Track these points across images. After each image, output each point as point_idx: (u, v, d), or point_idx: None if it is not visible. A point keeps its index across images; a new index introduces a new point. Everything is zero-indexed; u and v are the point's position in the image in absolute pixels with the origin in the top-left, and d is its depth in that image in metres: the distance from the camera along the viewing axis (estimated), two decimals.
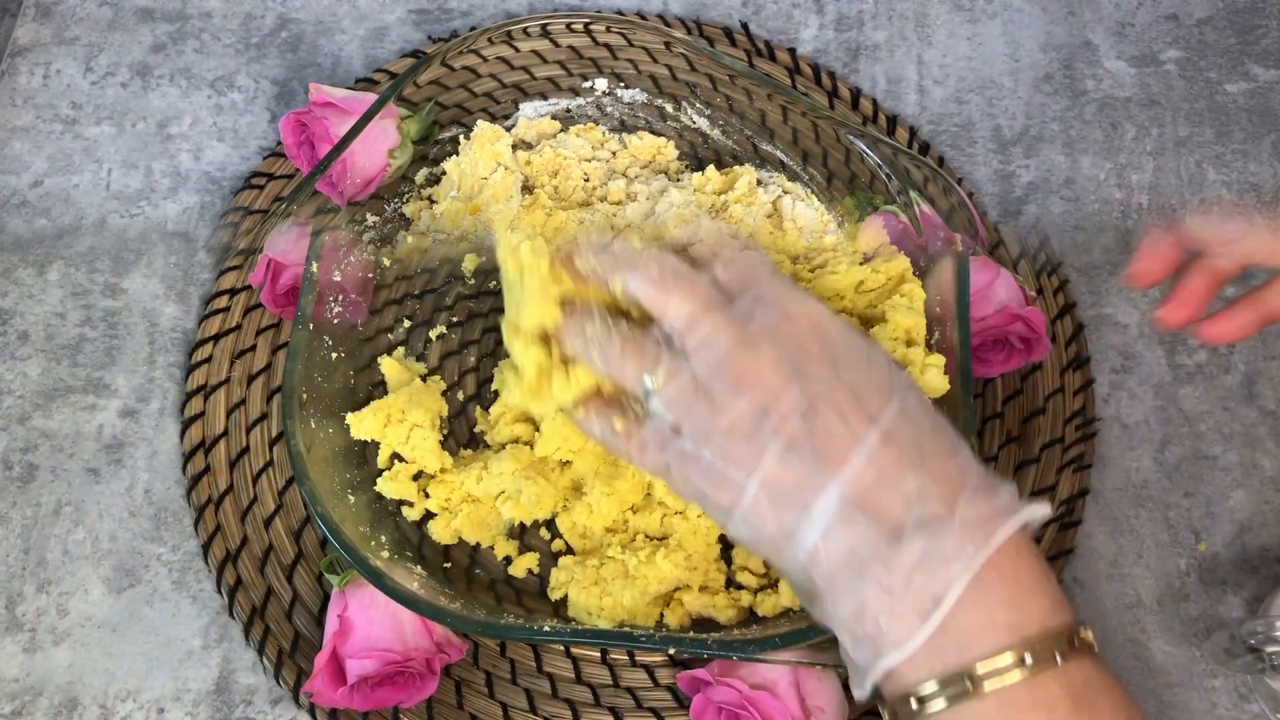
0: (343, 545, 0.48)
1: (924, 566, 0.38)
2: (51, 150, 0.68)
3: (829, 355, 0.42)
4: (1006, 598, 0.38)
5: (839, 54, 0.72)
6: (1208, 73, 0.73)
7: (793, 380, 0.41)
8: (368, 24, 0.73)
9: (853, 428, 0.40)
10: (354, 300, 0.57)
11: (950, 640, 0.38)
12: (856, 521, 0.39)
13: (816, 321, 0.44)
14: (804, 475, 0.40)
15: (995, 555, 0.38)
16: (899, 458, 0.40)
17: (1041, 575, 0.40)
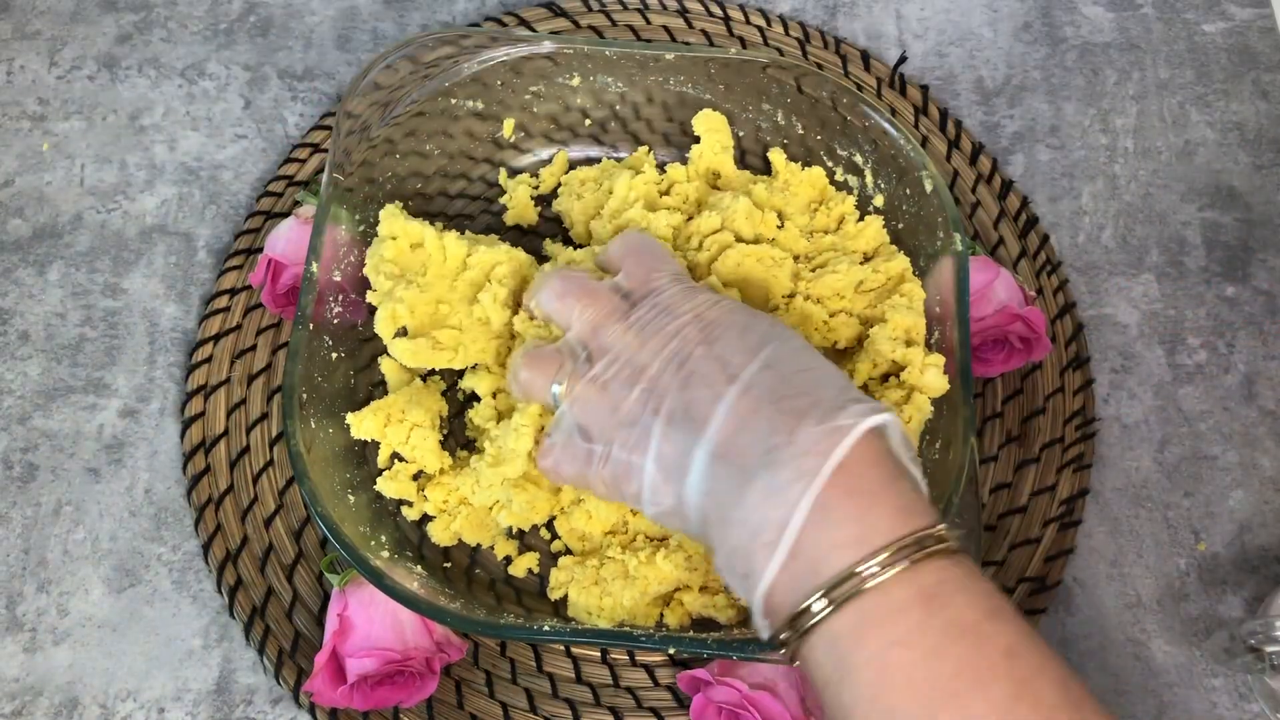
0: (343, 545, 0.48)
1: (770, 497, 0.40)
2: (20, 148, 0.68)
3: (707, 335, 0.46)
4: (852, 513, 0.39)
5: (817, 12, 0.73)
6: (1185, 14, 0.73)
7: (672, 363, 0.45)
8: (337, 4, 0.73)
9: (716, 389, 0.43)
10: (354, 300, 0.57)
11: (804, 563, 0.39)
12: (719, 472, 0.42)
13: (699, 311, 0.47)
14: (681, 443, 0.43)
15: (840, 473, 0.39)
16: (755, 405, 0.42)
17: (888, 483, 0.40)
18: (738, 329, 0.46)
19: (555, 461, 0.48)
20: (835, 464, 0.40)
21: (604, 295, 0.50)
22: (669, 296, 0.48)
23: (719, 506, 0.42)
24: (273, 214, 0.65)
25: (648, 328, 0.47)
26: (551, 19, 0.71)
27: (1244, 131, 0.70)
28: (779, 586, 0.40)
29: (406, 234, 0.55)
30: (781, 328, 0.47)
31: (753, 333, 0.46)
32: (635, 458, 0.45)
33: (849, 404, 0.42)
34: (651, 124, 0.65)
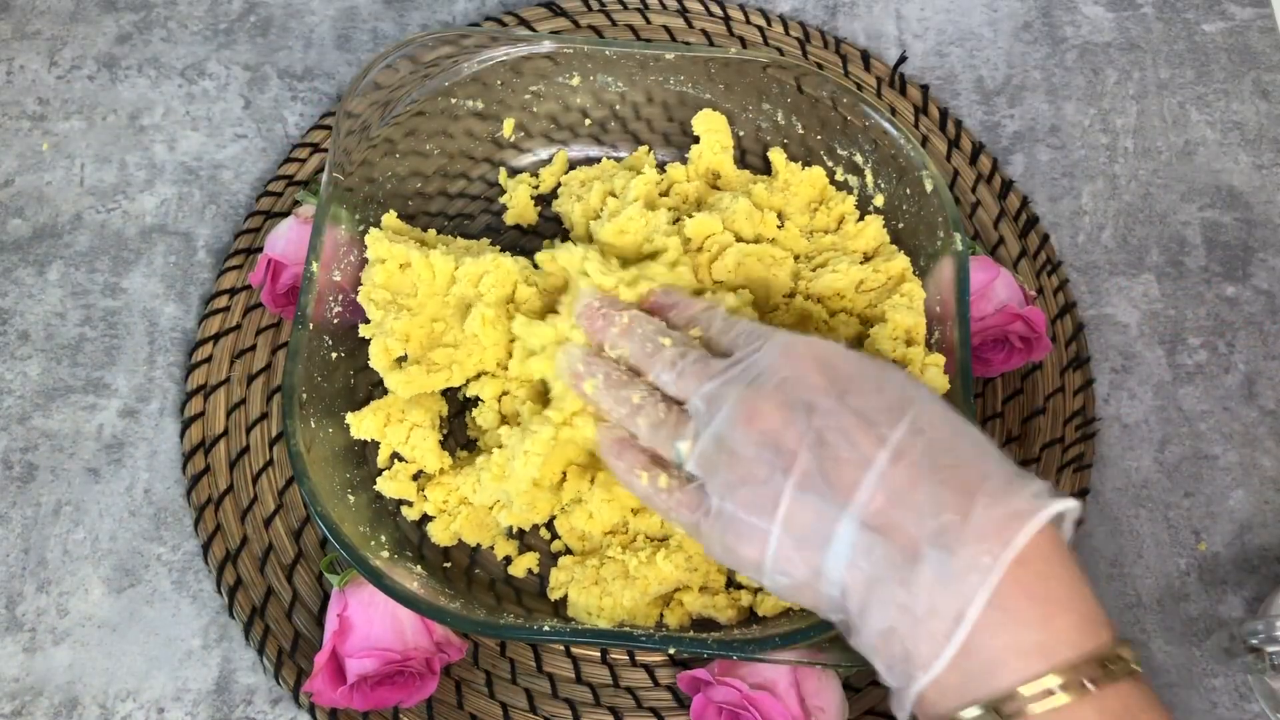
0: (342, 545, 0.48)
1: (942, 583, 0.37)
2: (20, 148, 0.68)
3: (835, 387, 0.41)
4: (1035, 616, 0.36)
5: (817, 12, 0.73)
6: (1185, 13, 0.73)
7: (799, 416, 0.41)
8: (337, 4, 0.73)
9: (861, 452, 0.39)
10: (354, 300, 0.57)
11: (977, 664, 0.36)
12: (875, 546, 0.38)
13: (819, 354, 0.43)
14: (820, 510, 0.39)
15: (1018, 566, 0.36)
16: (911, 474, 0.39)
17: (1073, 588, 0.37)
18: (870, 380, 0.42)
19: (676, 506, 0.45)
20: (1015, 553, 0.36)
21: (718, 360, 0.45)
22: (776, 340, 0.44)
23: (871, 583, 0.38)
24: (272, 214, 0.65)
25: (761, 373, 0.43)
26: (551, 19, 0.71)
27: (1244, 131, 0.70)
28: (943, 682, 0.37)
29: (393, 256, 0.55)
30: (916, 381, 0.43)
31: (889, 387, 0.42)
32: (758, 520, 0.41)
33: (1020, 481, 0.38)
34: (651, 124, 0.65)
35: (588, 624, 0.52)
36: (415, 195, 0.62)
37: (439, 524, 0.55)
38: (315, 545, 0.58)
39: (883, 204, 0.59)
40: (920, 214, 0.57)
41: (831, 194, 0.61)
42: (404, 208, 0.61)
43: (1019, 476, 0.39)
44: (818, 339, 0.45)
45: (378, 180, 0.59)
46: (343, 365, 0.56)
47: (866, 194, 0.60)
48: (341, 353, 0.56)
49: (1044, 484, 0.39)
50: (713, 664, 0.52)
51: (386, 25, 0.72)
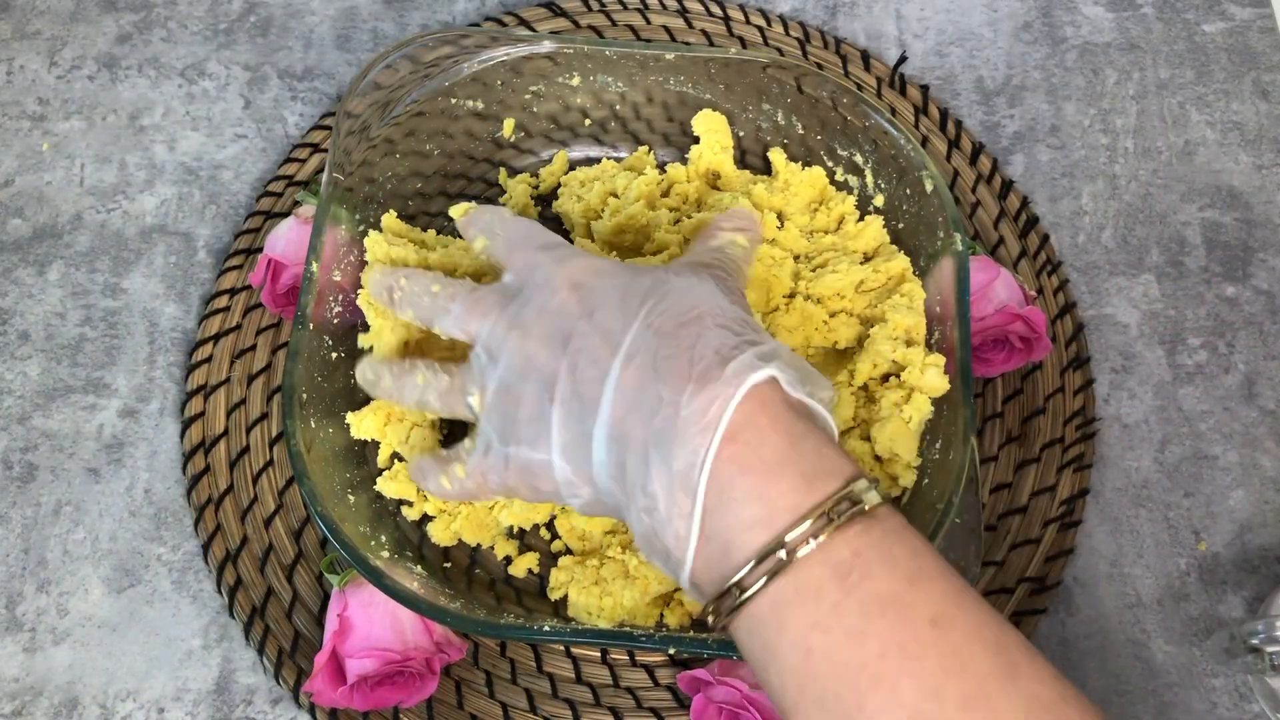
0: (343, 545, 0.48)
1: (668, 480, 0.38)
2: (20, 148, 0.68)
3: (586, 307, 0.43)
4: (752, 490, 0.37)
5: (817, 12, 0.73)
6: (1185, 14, 0.73)
7: (559, 346, 0.42)
8: (337, 4, 0.73)
9: (600, 365, 0.41)
10: (354, 300, 0.57)
11: (715, 549, 0.37)
12: (617, 454, 0.40)
13: (575, 279, 0.44)
14: (577, 429, 0.41)
15: (730, 444, 0.37)
16: (638, 376, 0.40)
17: (788, 448, 0.38)
18: (618, 292, 0.43)
19: (482, 477, 0.46)
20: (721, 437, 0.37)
21: (491, 298, 0.46)
22: (543, 273, 0.45)
23: (625, 490, 0.40)
24: (273, 214, 0.65)
25: (527, 311, 0.44)
26: (551, 19, 0.71)
27: (1244, 131, 0.70)
28: (697, 571, 0.38)
29: (392, 259, 0.55)
30: (667, 278, 0.43)
31: (633, 294, 0.42)
32: (540, 454, 0.42)
33: (728, 356, 0.39)
34: (651, 124, 0.65)
35: (588, 624, 0.52)
36: (415, 195, 0.62)
37: (439, 524, 0.55)
38: (315, 545, 0.58)
39: (883, 204, 0.59)
40: (920, 214, 0.57)
41: (831, 194, 0.61)
42: (404, 208, 0.61)
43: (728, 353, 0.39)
44: (579, 260, 0.45)
45: (378, 180, 0.59)
46: (343, 365, 0.56)
47: (866, 194, 0.60)
48: (341, 353, 0.56)
49: (752, 353, 0.39)
50: (713, 664, 0.52)
51: (386, 25, 0.72)
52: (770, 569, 0.36)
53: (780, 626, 0.36)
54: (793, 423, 0.38)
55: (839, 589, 0.35)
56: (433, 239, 0.59)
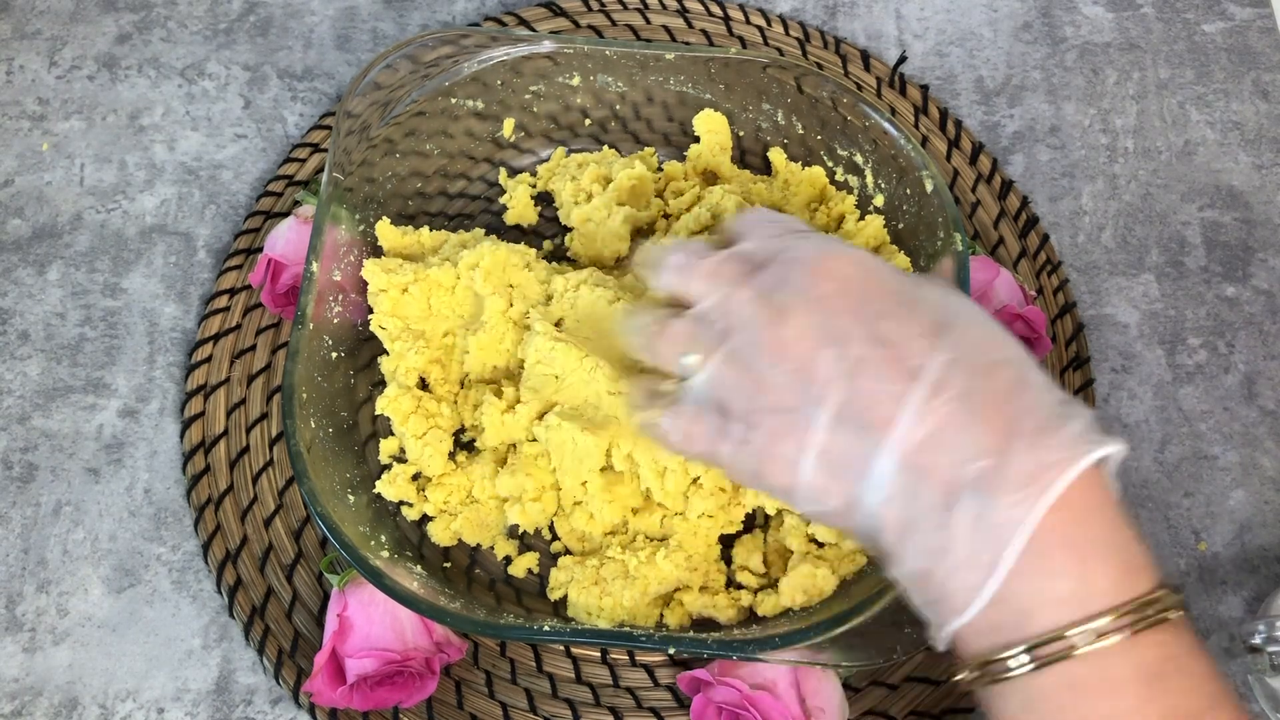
0: (342, 545, 0.48)
1: (977, 530, 0.36)
2: (20, 148, 0.68)
3: (865, 310, 0.40)
4: (1070, 565, 0.36)
5: (817, 12, 0.73)
6: (1185, 14, 0.73)
7: (828, 344, 0.39)
8: (337, 4, 0.73)
9: (896, 386, 0.38)
10: (354, 300, 0.57)
11: (1009, 611, 0.36)
12: (911, 486, 0.37)
13: (847, 274, 0.41)
14: (855, 443, 0.38)
15: (1055, 513, 0.36)
16: (949, 410, 0.37)
17: (1112, 534, 0.37)
18: (902, 302, 0.40)
19: (685, 436, 0.43)
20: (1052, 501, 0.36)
21: (730, 262, 0.43)
22: (798, 251, 0.42)
23: (908, 522, 0.38)
24: (272, 214, 0.65)
25: (782, 293, 0.41)
26: (551, 19, 0.71)
27: (1244, 131, 0.70)
28: (977, 626, 0.37)
29: (393, 285, 0.56)
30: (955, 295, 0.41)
31: (925, 308, 0.40)
32: (787, 449, 0.40)
33: (1063, 418, 0.37)
34: (651, 124, 0.65)
35: (588, 624, 0.52)
36: (415, 195, 0.62)
37: (439, 524, 0.55)
38: (315, 545, 0.58)
39: (882, 204, 0.59)
40: (920, 214, 0.57)
41: (831, 193, 0.61)
42: (404, 208, 0.61)
43: (1061, 412, 0.37)
44: (845, 251, 0.42)
45: (378, 180, 0.59)
46: (343, 365, 0.56)
47: (866, 194, 0.60)
48: (341, 352, 0.56)
49: (1086, 420, 0.38)
50: (713, 664, 0.52)
51: (386, 25, 0.72)
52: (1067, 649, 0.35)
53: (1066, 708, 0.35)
54: (1116, 508, 0.37)
55: (1143, 692, 0.35)
56: (428, 237, 0.59)
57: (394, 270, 0.56)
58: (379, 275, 0.55)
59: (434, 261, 0.57)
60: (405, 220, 0.61)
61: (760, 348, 0.41)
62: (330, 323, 0.55)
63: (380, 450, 0.56)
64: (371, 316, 0.56)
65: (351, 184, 0.57)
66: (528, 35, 0.61)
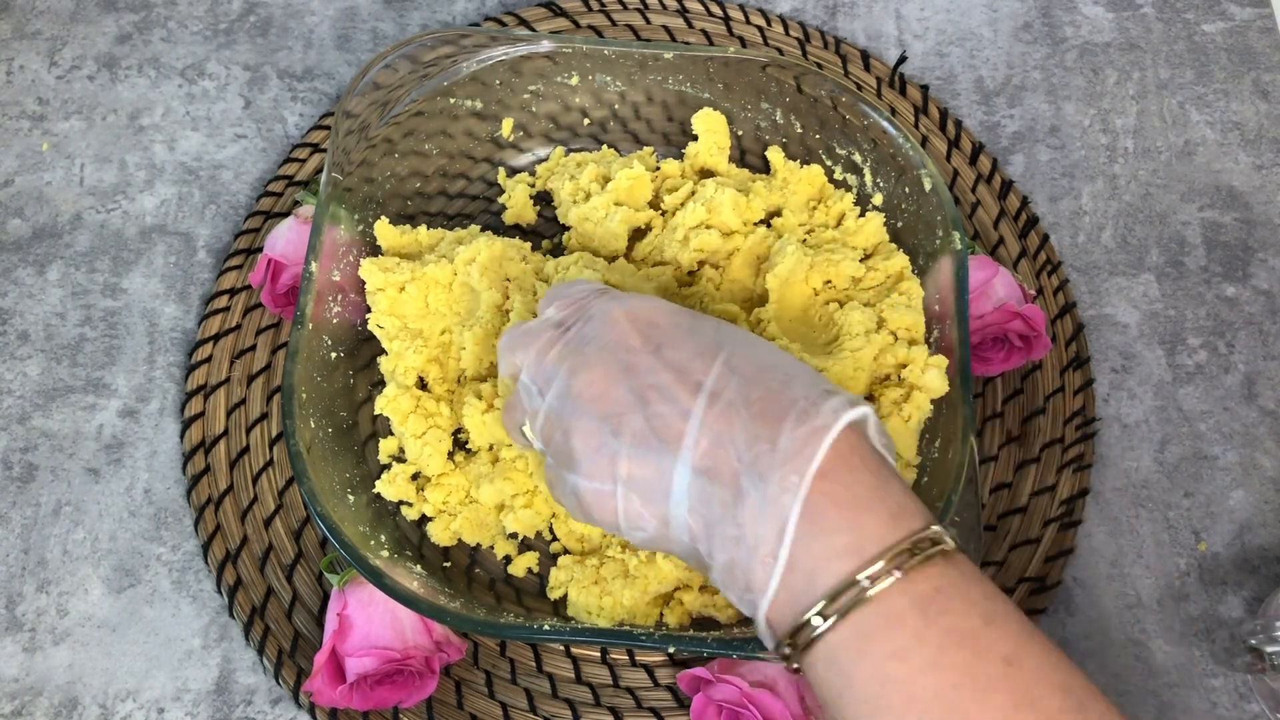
0: (342, 545, 0.48)
1: (761, 509, 0.39)
2: (20, 148, 0.68)
3: (651, 343, 0.43)
4: (843, 521, 0.38)
5: (817, 12, 0.73)
6: (1185, 14, 0.73)
7: (622, 378, 0.43)
8: (337, 4, 0.73)
9: (680, 404, 0.41)
10: (353, 300, 0.57)
11: (800, 576, 0.38)
12: (705, 488, 0.40)
13: (635, 314, 0.45)
14: (655, 464, 0.41)
15: (823, 479, 0.39)
16: (728, 414, 0.41)
17: (876, 488, 0.39)
18: (683, 331, 0.44)
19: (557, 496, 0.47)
20: (817, 469, 0.39)
21: (538, 330, 0.47)
22: (598, 306, 0.46)
23: (709, 523, 0.41)
24: (272, 214, 0.65)
25: (584, 344, 0.45)
26: (551, 19, 0.71)
27: (1244, 131, 0.70)
28: (779, 600, 0.39)
29: (390, 284, 0.56)
30: (728, 325, 0.45)
31: (701, 334, 0.44)
32: (603, 484, 0.43)
33: (821, 400, 0.41)
34: (651, 124, 0.65)
35: (587, 623, 0.52)
36: (415, 195, 0.62)
37: (439, 524, 0.55)
38: (315, 545, 0.58)
39: (881, 203, 0.59)
40: (919, 213, 0.57)
41: (830, 192, 0.61)
42: (404, 208, 0.61)
43: (822, 396, 0.41)
44: (634, 298, 0.46)
45: (377, 180, 0.59)
46: (342, 365, 0.56)
47: (865, 193, 0.60)
48: (341, 352, 0.56)
49: (844, 397, 0.41)
50: (713, 662, 0.52)
51: (386, 25, 0.72)
52: (855, 597, 0.37)
53: (860, 654, 0.37)
54: (879, 465, 0.40)
55: (920, 619, 0.37)
56: (425, 235, 0.59)
57: (391, 269, 0.56)
58: (376, 274, 0.56)
59: (431, 259, 0.57)
60: (404, 220, 0.61)
61: (566, 396, 0.44)
62: (330, 323, 0.55)
63: (380, 450, 0.56)
64: (369, 315, 0.56)
65: (351, 184, 0.57)
66: (527, 35, 0.61)
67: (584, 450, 0.43)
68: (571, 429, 0.43)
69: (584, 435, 0.43)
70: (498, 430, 0.53)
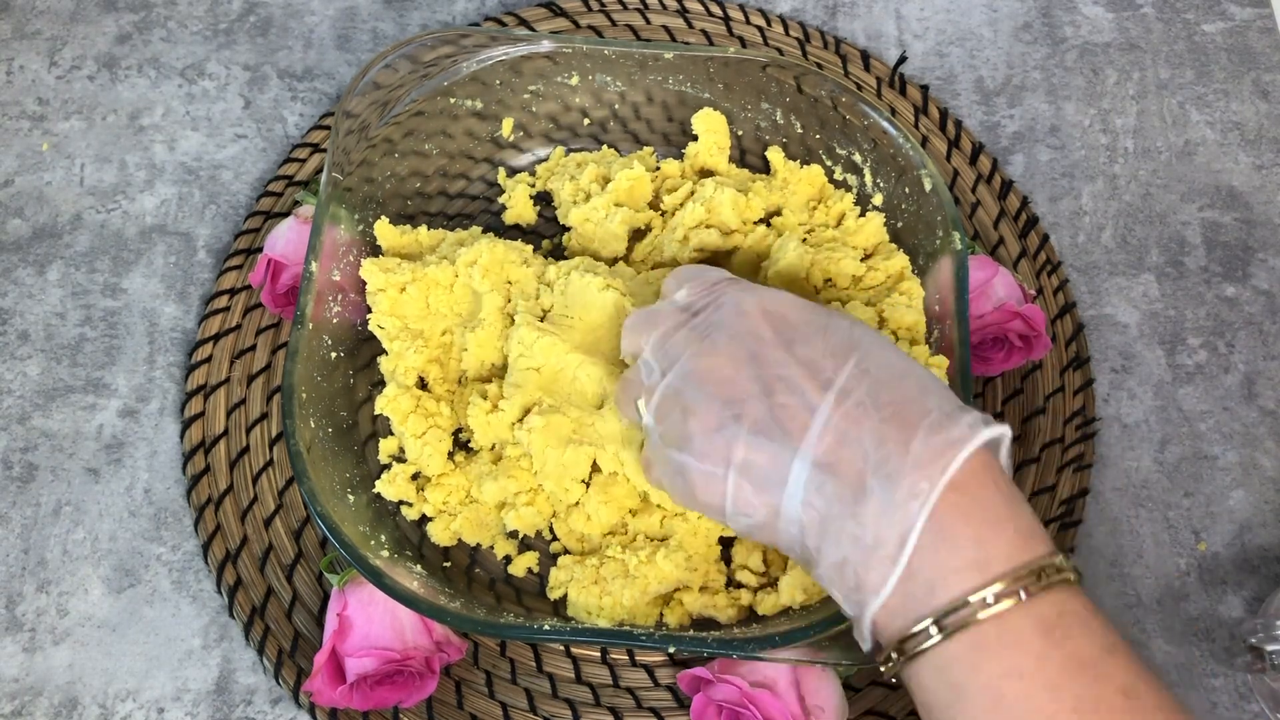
0: (342, 545, 0.48)
1: (885, 512, 0.39)
2: (20, 148, 0.68)
3: (783, 337, 0.44)
4: (970, 536, 0.38)
5: (817, 12, 0.73)
6: (1185, 14, 0.73)
7: (749, 367, 0.43)
8: (337, 4, 0.73)
9: (808, 398, 0.41)
10: (353, 300, 0.57)
11: (919, 584, 0.38)
12: (826, 483, 0.40)
13: (769, 309, 0.45)
14: (774, 454, 0.41)
15: (953, 491, 0.38)
16: (857, 414, 0.41)
17: (1006, 507, 0.39)
18: (816, 328, 0.44)
19: (655, 477, 0.47)
20: (949, 480, 0.38)
21: (666, 312, 0.48)
22: (731, 296, 0.46)
23: (824, 519, 0.40)
24: (272, 214, 0.65)
25: (714, 330, 0.45)
26: (551, 19, 0.71)
27: (1244, 131, 0.70)
28: (890, 604, 0.39)
29: (391, 284, 0.56)
30: (863, 327, 0.45)
31: (835, 333, 0.44)
32: (713, 467, 0.43)
33: (958, 413, 0.40)
34: (651, 124, 0.65)
35: (588, 623, 0.52)
36: (415, 195, 0.62)
37: (439, 524, 0.55)
38: (315, 545, 0.58)
39: (881, 203, 0.59)
40: (919, 213, 0.57)
41: (830, 192, 0.61)
42: (404, 208, 0.61)
43: (958, 410, 0.41)
44: (767, 291, 0.46)
45: (377, 180, 0.59)
46: (342, 365, 0.56)
47: (865, 193, 0.60)
48: (341, 352, 0.56)
49: (979, 414, 0.41)
50: (713, 662, 0.52)
51: (386, 25, 0.72)
52: (973, 613, 0.37)
53: (974, 668, 0.37)
54: (1009, 486, 0.40)
55: (1043, 642, 0.37)
56: (426, 236, 0.59)
57: (392, 269, 0.56)
58: (377, 274, 0.56)
59: (432, 260, 0.57)
60: (404, 220, 0.61)
61: (689, 376, 0.44)
62: (330, 322, 0.55)
63: (380, 450, 0.56)
64: (370, 316, 0.56)
65: (351, 184, 0.57)
66: (527, 35, 0.61)
67: (701, 431, 0.43)
68: (690, 409, 0.44)
69: (702, 416, 0.43)
70: (501, 430, 0.53)
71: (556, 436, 0.52)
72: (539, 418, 0.52)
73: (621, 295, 0.54)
